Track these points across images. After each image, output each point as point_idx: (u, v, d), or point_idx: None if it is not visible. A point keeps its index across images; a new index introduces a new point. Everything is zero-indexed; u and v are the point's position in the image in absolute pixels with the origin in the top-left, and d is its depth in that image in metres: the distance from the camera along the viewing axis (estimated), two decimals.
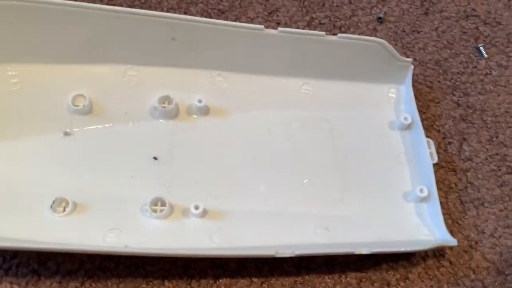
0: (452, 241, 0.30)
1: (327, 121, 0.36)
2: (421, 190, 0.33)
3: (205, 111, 0.34)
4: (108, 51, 0.34)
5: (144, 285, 0.30)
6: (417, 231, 0.32)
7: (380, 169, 0.35)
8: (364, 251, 0.29)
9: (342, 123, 0.36)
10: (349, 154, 0.35)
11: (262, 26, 0.33)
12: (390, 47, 0.35)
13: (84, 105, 0.32)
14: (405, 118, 0.35)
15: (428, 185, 0.33)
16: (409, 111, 0.36)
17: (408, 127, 0.36)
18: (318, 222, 0.32)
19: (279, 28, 0.34)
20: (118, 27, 0.32)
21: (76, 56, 0.33)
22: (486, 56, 0.41)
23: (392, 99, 0.37)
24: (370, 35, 0.41)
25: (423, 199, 0.33)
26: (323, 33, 0.34)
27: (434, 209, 0.32)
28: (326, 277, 0.31)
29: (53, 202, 0.30)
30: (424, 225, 0.32)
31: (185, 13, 0.40)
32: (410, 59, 0.36)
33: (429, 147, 0.34)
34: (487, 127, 0.38)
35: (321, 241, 0.31)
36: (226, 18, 0.40)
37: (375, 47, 0.35)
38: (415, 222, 0.33)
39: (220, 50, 0.34)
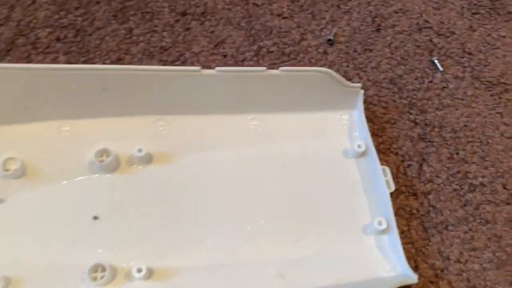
0: (412, 278, 0.29)
1: (279, 156, 0.34)
2: (380, 222, 0.31)
3: (147, 159, 0.33)
4: (39, 108, 0.32)
5: None
6: (378, 267, 0.31)
7: (337, 202, 0.33)
8: None
9: (295, 156, 0.35)
10: (303, 189, 0.33)
11: (198, 68, 0.32)
12: (336, 74, 0.34)
13: (16, 169, 0.31)
14: (359, 146, 0.34)
15: (387, 216, 0.31)
16: (363, 138, 0.35)
17: (363, 154, 0.34)
18: (273, 270, 0.30)
19: (217, 68, 0.32)
20: (47, 84, 0.31)
21: (5, 117, 0.32)
22: (441, 69, 0.40)
23: (345, 126, 0.36)
24: (321, 59, 0.40)
25: (383, 231, 0.31)
26: (264, 68, 0.33)
27: (394, 242, 0.31)
28: None
29: None
30: (386, 259, 0.31)
31: (126, 54, 0.38)
32: (359, 85, 0.35)
33: (385, 175, 0.33)
34: (446, 144, 0.36)
35: None
36: (169, 55, 0.39)
37: (321, 76, 0.33)
38: (375, 257, 0.31)
39: (157, 95, 0.33)
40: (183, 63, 0.39)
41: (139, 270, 0.28)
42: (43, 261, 0.29)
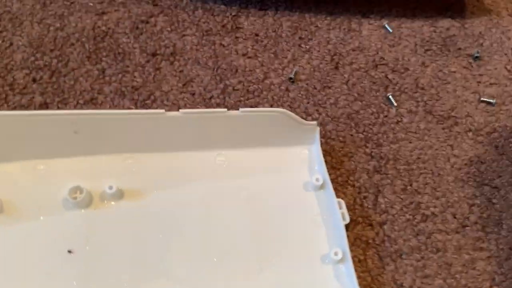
0: None
1: (244, 189, 0.37)
2: (336, 253, 0.33)
3: (119, 196, 0.35)
4: (15, 149, 0.34)
5: None
6: None
7: (298, 233, 0.35)
8: None
9: (258, 190, 0.37)
10: (266, 221, 0.35)
11: (163, 110, 0.34)
12: (292, 114, 0.36)
13: None
14: (317, 179, 0.36)
15: (342, 246, 0.34)
16: (321, 171, 0.37)
17: (321, 187, 0.37)
18: None
19: (181, 110, 0.35)
20: (21, 128, 0.33)
21: None
22: (395, 104, 0.43)
23: (305, 160, 0.38)
24: (283, 96, 0.42)
25: (339, 261, 0.34)
26: (225, 109, 0.35)
27: (349, 271, 0.33)
28: None
29: None
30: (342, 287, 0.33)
31: (99, 94, 0.41)
32: (314, 122, 0.37)
33: (340, 207, 0.35)
34: (400, 176, 0.39)
35: None
36: (140, 94, 0.41)
37: (278, 116, 0.36)
38: (333, 286, 0.33)
39: (126, 135, 0.35)
40: (154, 102, 0.41)
41: None
42: None
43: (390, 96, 0.43)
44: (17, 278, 0.31)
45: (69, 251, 0.32)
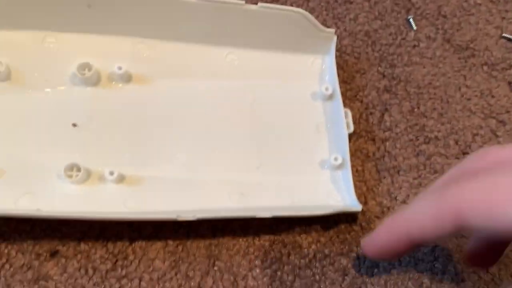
0: (357, 207, 0.32)
1: (251, 91, 0.36)
2: (336, 158, 0.34)
3: (126, 78, 0.35)
4: (25, 17, 0.33)
5: (60, 247, 0.30)
6: (329, 198, 0.34)
7: (300, 138, 0.36)
8: (266, 214, 0.30)
9: (265, 93, 0.36)
10: (270, 123, 0.36)
11: None
12: (312, 17, 0.35)
13: (0, 71, 0.32)
14: (326, 89, 0.36)
15: (343, 153, 0.34)
16: (331, 82, 0.37)
17: (330, 97, 0.37)
18: (234, 188, 0.33)
19: None
20: None
21: None
22: (415, 28, 0.42)
23: (317, 70, 0.38)
24: (302, 5, 0.41)
25: (338, 167, 0.34)
26: (243, 2, 0.34)
27: (347, 177, 0.33)
28: (240, 239, 0.32)
29: None
30: (337, 191, 0.34)
31: None
32: (332, 30, 0.36)
33: (346, 117, 0.35)
34: (409, 98, 0.39)
35: (234, 206, 0.32)
36: None
37: (297, 17, 0.35)
38: (328, 189, 0.34)
39: (139, 17, 0.34)
40: None
41: (111, 173, 0.31)
42: (22, 157, 0.31)
43: (411, 19, 0.42)
44: (21, 144, 0.32)
45: (74, 125, 0.33)
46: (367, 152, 0.36)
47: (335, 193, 0.34)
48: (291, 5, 0.41)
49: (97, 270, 0.30)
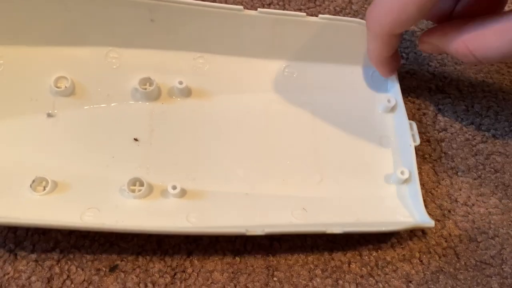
0: (429, 223, 0.30)
1: (310, 104, 0.36)
2: (402, 172, 0.33)
3: (186, 93, 0.35)
4: (89, 33, 0.34)
5: (118, 262, 0.30)
6: (397, 213, 0.32)
7: (362, 151, 0.35)
8: (337, 230, 0.29)
9: (324, 105, 0.36)
10: (331, 136, 0.35)
11: (241, 7, 0.33)
12: None
13: (66, 87, 0.33)
14: (389, 100, 0.35)
15: (409, 167, 0.33)
16: (394, 93, 0.36)
17: (393, 109, 0.36)
18: (296, 203, 0.32)
19: (259, 9, 0.34)
20: (97, 10, 0.33)
21: (58, 39, 0.34)
22: None
23: (377, 81, 0.37)
24: (346, 8, 0.41)
25: (404, 181, 0.33)
26: (304, 14, 0.34)
27: (414, 191, 0.32)
28: (298, 249, 0.32)
29: (33, 181, 0.30)
30: (404, 207, 0.33)
31: None
32: None
33: (412, 129, 0.34)
34: (462, 97, 0.38)
35: (298, 222, 0.31)
36: None
37: (357, 28, 0.34)
38: (395, 204, 0.33)
39: (200, 32, 0.34)
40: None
41: (174, 188, 0.31)
42: (85, 171, 0.32)
43: None
44: (84, 158, 0.32)
45: (135, 139, 0.33)
46: (423, 153, 0.35)
47: (402, 209, 0.32)
48: (335, 8, 0.40)
49: (156, 284, 0.30)
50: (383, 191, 0.34)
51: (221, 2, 0.39)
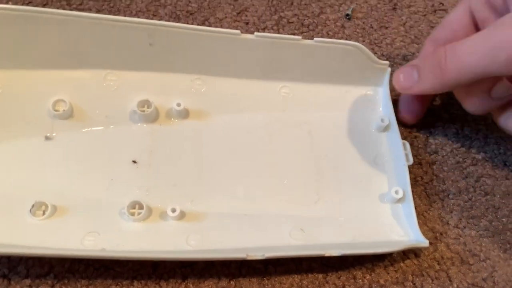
0: (424, 242, 0.31)
1: (306, 124, 0.36)
2: (396, 192, 0.33)
3: (184, 114, 0.35)
4: (87, 56, 0.34)
5: (113, 286, 0.30)
6: (392, 232, 0.33)
7: (357, 170, 0.35)
8: (334, 253, 0.29)
9: (320, 125, 0.37)
10: (327, 156, 0.36)
11: (238, 31, 0.34)
12: (367, 50, 0.35)
13: (64, 110, 0.33)
14: (382, 120, 0.36)
15: (404, 186, 0.34)
16: (386, 113, 0.37)
17: (385, 129, 0.36)
18: (294, 223, 0.32)
19: (256, 33, 0.34)
20: (96, 33, 0.33)
21: (57, 62, 0.34)
22: None
23: (370, 101, 0.38)
24: (338, 32, 0.42)
25: (399, 200, 0.34)
26: (299, 37, 0.34)
27: (409, 210, 0.33)
28: (293, 272, 0.32)
29: (32, 206, 0.30)
30: (399, 225, 0.33)
31: (154, 15, 0.40)
32: (387, 62, 0.36)
33: (405, 149, 0.35)
34: (453, 120, 0.38)
35: (295, 243, 0.32)
36: (194, 19, 0.41)
37: (352, 50, 0.35)
38: (390, 223, 0.33)
39: (197, 55, 0.35)
40: None
41: (173, 210, 0.31)
42: (85, 194, 0.32)
43: None
44: (83, 181, 0.32)
45: (134, 161, 0.33)
46: (415, 176, 0.36)
47: (397, 228, 0.33)
48: (327, 33, 0.41)
49: None
50: (378, 210, 0.34)
51: (216, 26, 0.40)
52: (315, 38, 0.35)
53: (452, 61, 0.30)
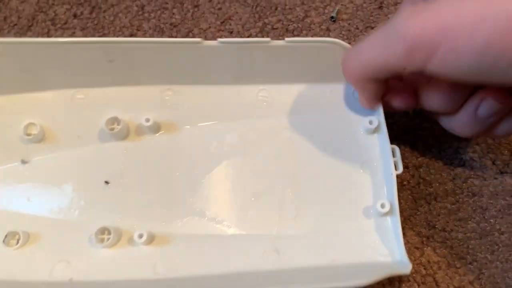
0: (407, 267, 0.29)
1: (287, 129, 0.35)
2: (382, 205, 0.31)
3: (155, 129, 0.34)
4: (50, 77, 0.34)
5: None
6: (374, 252, 0.31)
7: (341, 181, 0.33)
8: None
9: (302, 129, 0.35)
10: (309, 164, 0.34)
11: (200, 39, 0.33)
12: (347, 44, 0.33)
13: (35, 134, 0.33)
14: (370, 122, 0.33)
15: (390, 198, 0.32)
16: (375, 114, 0.34)
17: (374, 131, 0.34)
18: (268, 244, 0.32)
19: (219, 39, 0.33)
20: (51, 56, 0.33)
21: (22, 87, 0.34)
22: None
23: (357, 99, 0.35)
24: (323, 36, 0.41)
25: (384, 214, 0.32)
26: (268, 39, 0.33)
27: (395, 226, 0.31)
28: None
29: (6, 236, 0.31)
30: (383, 243, 0.32)
31: (138, 30, 0.41)
32: None
33: (394, 155, 0.32)
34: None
35: (267, 266, 0.31)
36: (178, 32, 0.41)
37: (329, 47, 0.33)
38: (373, 241, 0.32)
39: (163, 66, 0.34)
40: None
41: (140, 236, 0.31)
42: (57, 219, 0.32)
43: None
44: (58, 204, 0.33)
45: (106, 182, 0.33)
46: (401, 180, 0.36)
47: (381, 246, 0.31)
48: (313, 36, 0.41)
49: None
50: (362, 226, 0.32)
51: (200, 37, 0.40)
52: (286, 38, 0.33)
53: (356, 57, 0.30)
